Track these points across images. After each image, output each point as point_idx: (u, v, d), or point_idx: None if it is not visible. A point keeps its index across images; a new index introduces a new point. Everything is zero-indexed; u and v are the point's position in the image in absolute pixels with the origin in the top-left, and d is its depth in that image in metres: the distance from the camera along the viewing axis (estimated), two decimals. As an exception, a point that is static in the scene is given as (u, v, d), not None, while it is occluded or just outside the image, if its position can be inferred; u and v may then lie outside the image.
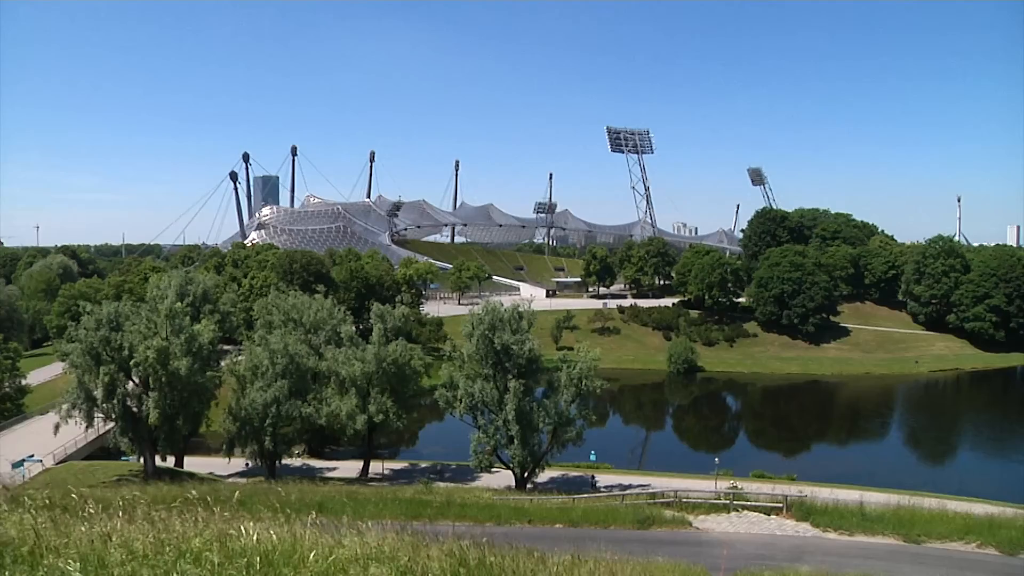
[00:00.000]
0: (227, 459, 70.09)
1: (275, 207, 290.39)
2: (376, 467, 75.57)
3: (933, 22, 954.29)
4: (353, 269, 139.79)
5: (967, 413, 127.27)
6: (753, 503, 46.78)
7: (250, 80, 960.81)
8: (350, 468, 75.76)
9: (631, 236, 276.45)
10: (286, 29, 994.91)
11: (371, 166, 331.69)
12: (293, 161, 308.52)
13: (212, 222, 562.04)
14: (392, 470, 76.45)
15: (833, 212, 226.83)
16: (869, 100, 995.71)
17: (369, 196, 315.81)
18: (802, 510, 45.34)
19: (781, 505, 46.03)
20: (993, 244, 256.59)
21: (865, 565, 35.02)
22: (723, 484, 54.84)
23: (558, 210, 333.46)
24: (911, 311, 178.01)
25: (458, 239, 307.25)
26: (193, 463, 73.94)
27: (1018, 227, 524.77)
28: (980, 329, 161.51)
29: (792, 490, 51.05)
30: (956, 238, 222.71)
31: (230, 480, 65.65)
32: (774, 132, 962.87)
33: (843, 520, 43.79)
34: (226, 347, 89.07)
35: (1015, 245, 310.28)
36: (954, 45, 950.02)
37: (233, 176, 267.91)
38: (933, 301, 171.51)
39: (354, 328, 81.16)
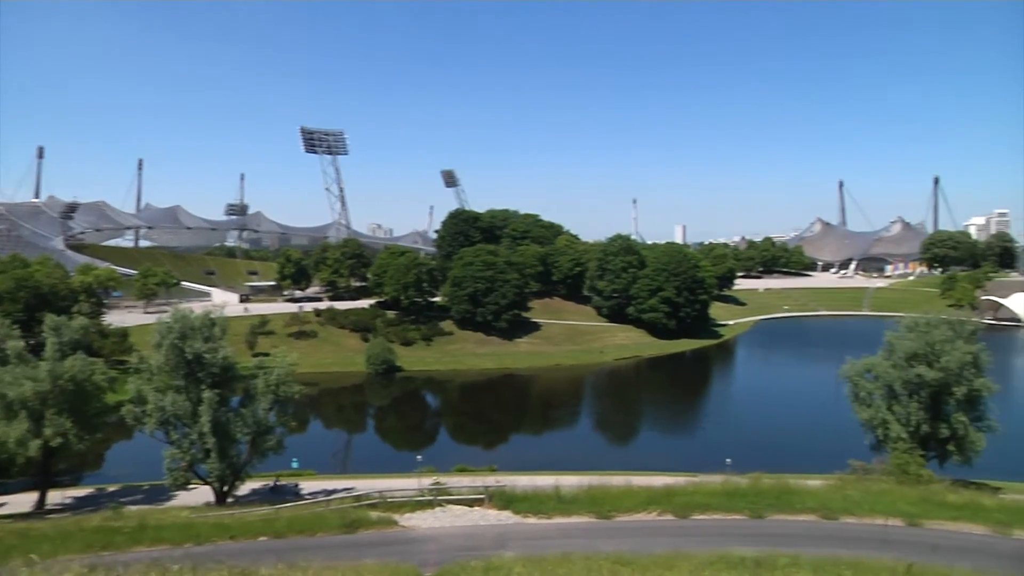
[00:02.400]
0: None
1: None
2: (56, 497, 68.47)
3: (603, 31, 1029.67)
4: (20, 277, 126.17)
5: (646, 395, 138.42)
6: (457, 496, 47.70)
7: None
8: (24, 501, 67.95)
9: (326, 238, 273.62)
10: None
11: (39, 164, 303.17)
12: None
13: None
14: (75, 498, 69.64)
15: (522, 213, 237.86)
16: (554, 107, 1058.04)
17: (37, 196, 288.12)
18: (503, 499, 46.87)
19: (483, 496, 47.27)
20: (664, 242, 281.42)
21: (564, 544, 36.85)
22: (427, 481, 55.45)
23: (251, 212, 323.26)
24: (595, 305, 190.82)
25: (143, 243, 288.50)
26: None
27: (684, 226, 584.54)
28: (655, 319, 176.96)
29: (493, 481, 52.66)
30: (633, 236, 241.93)
31: None
32: (468, 135, 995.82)
33: (542, 505, 45.84)
34: None
35: (681, 243, 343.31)
36: (630, 55, 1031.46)
37: None
38: (615, 295, 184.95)
39: (23, 343, 72.92)
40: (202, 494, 62.69)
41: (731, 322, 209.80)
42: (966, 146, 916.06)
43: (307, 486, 68.98)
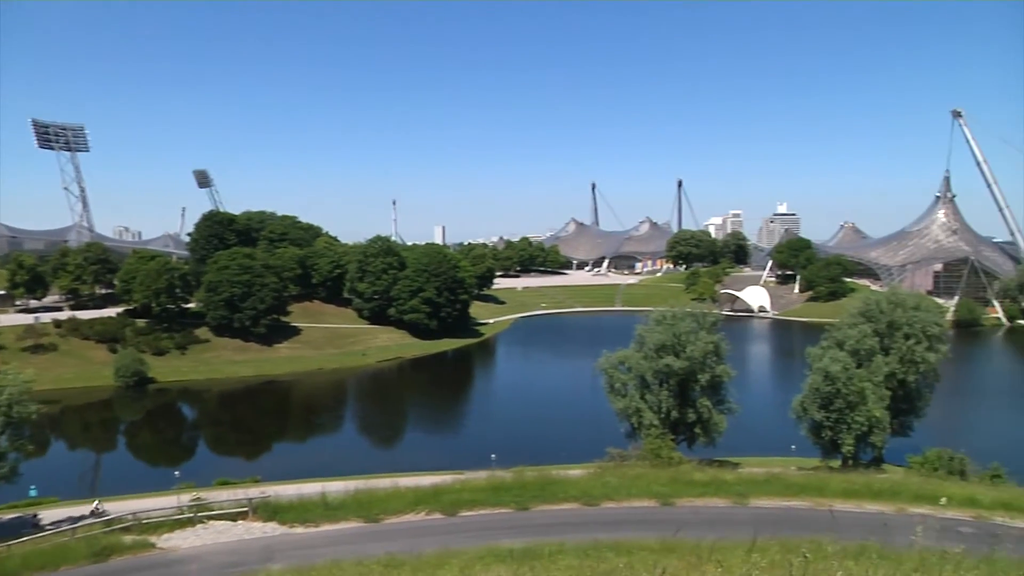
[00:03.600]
0: None
1: None
2: None
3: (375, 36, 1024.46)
4: None
5: (411, 396, 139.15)
6: (219, 511, 45.82)
7: None
8: None
9: (66, 242, 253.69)
10: None
11: None
12: None
13: None
14: None
15: (280, 215, 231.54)
16: (310, 107, 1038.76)
17: None
18: (268, 510, 45.66)
19: (247, 509, 45.74)
20: (424, 243, 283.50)
21: (333, 551, 36.43)
22: (186, 497, 52.75)
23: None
24: (356, 307, 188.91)
25: None
26: None
27: (443, 227, 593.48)
28: (417, 320, 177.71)
29: (257, 492, 51.04)
30: (393, 238, 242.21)
31: None
32: (222, 134, 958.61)
33: (308, 513, 45.11)
34: None
35: (441, 243, 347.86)
36: (385, 56, 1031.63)
37: None
38: (375, 297, 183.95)
39: None
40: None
41: (491, 321, 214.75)
42: (705, 150, 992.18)
43: (48, 515, 63.50)
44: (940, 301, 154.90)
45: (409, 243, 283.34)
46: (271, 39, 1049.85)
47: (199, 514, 45.09)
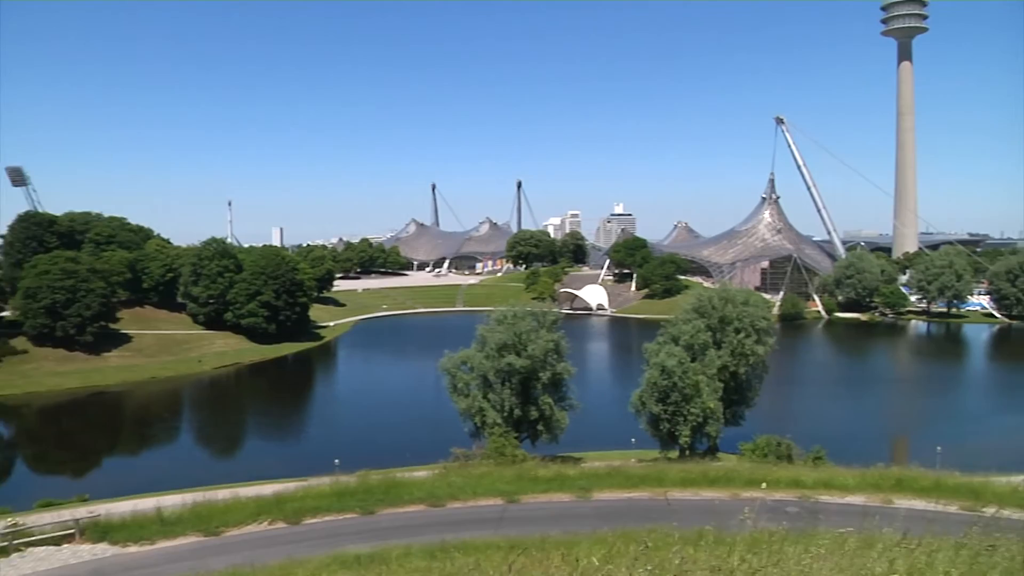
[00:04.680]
0: None
1: None
2: None
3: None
4: None
5: (250, 403, 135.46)
6: (40, 536, 42.83)
7: None
8: None
9: None
10: None
11: None
12: None
13: None
14: None
15: (107, 216, 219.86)
16: (139, 105, 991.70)
17: None
18: (97, 530, 43.29)
19: (73, 531, 43.12)
20: (262, 245, 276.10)
21: (171, 569, 35.10)
22: (0, 524, 49.15)
23: None
24: (191, 312, 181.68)
25: None
26: None
27: (281, 229, 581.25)
28: (255, 324, 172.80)
29: (85, 512, 48.18)
30: (229, 240, 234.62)
31: None
32: (41, 131, 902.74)
33: (143, 530, 43.18)
34: None
35: (279, 245, 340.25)
36: (217, 53, 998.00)
37: None
38: (211, 301, 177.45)
39: None
40: None
41: (332, 323, 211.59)
42: (543, 150, 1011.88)
43: None
44: (767, 296, 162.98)
45: (246, 245, 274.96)
46: (91, 31, 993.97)
47: (15, 541, 41.98)
